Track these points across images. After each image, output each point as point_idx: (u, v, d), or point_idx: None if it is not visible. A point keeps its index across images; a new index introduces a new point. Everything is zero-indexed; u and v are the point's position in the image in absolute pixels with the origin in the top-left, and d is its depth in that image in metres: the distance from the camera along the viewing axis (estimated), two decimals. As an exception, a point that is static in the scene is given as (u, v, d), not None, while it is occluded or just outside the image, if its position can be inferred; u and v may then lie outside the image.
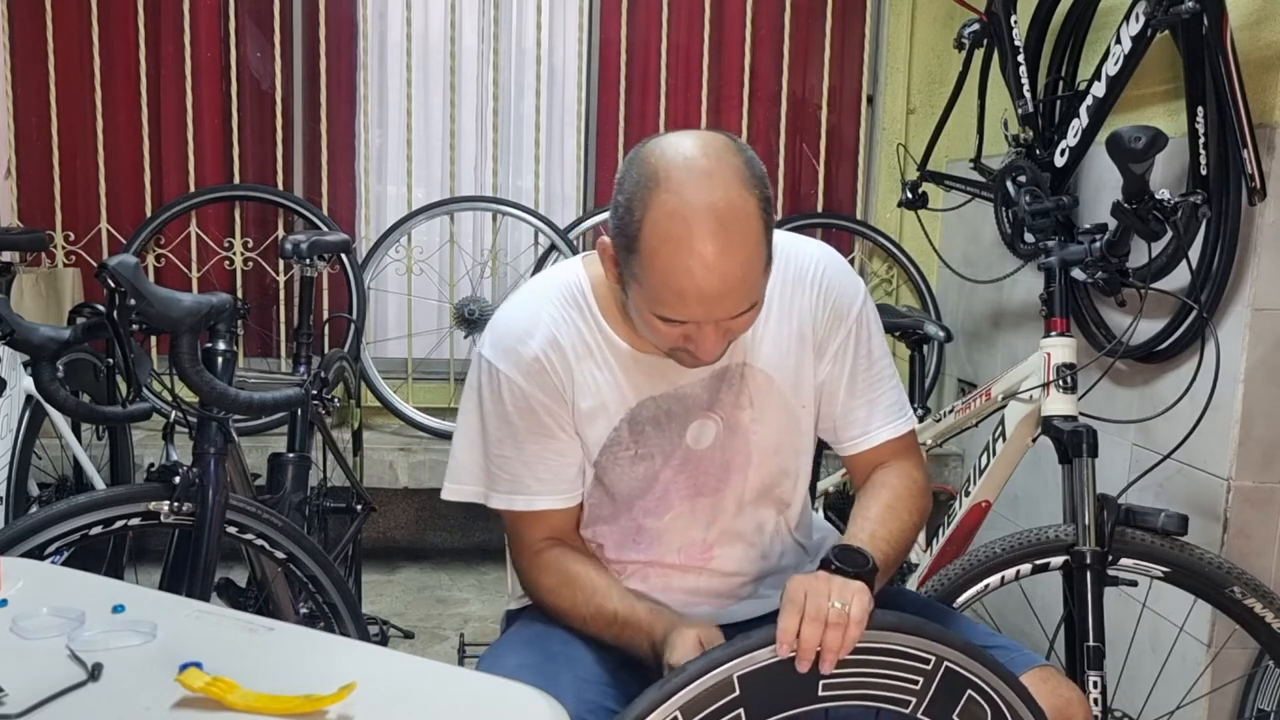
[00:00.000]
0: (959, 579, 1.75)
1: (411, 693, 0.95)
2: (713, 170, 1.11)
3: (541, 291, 1.33)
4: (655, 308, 1.15)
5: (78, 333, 1.61)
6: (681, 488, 1.34)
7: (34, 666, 0.93)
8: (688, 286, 1.11)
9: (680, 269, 1.10)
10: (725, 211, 1.10)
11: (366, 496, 2.69)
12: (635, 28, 3.58)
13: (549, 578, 1.33)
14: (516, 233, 3.63)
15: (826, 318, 1.34)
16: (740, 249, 1.11)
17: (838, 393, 1.36)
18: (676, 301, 1.13)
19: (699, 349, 1.18)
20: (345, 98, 3.55)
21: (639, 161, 1.15)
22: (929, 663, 1.09)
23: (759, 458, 1.35)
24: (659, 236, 1.10)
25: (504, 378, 1.29)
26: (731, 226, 1.10)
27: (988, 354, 3.15)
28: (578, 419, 1.31)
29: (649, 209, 1.11)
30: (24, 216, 3.39)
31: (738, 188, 1.11)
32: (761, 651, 1.06)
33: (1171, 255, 2.05)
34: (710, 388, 1.32)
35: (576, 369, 1.29)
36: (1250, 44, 1.97)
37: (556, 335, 1.29)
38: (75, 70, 3.36)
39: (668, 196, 1.10)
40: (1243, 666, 2.04)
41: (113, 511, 1.57)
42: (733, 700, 1.05)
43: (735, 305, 1.15)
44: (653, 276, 1.12)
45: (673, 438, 1.32)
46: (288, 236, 2.38)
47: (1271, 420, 2.00)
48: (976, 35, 2.67)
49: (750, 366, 1.33)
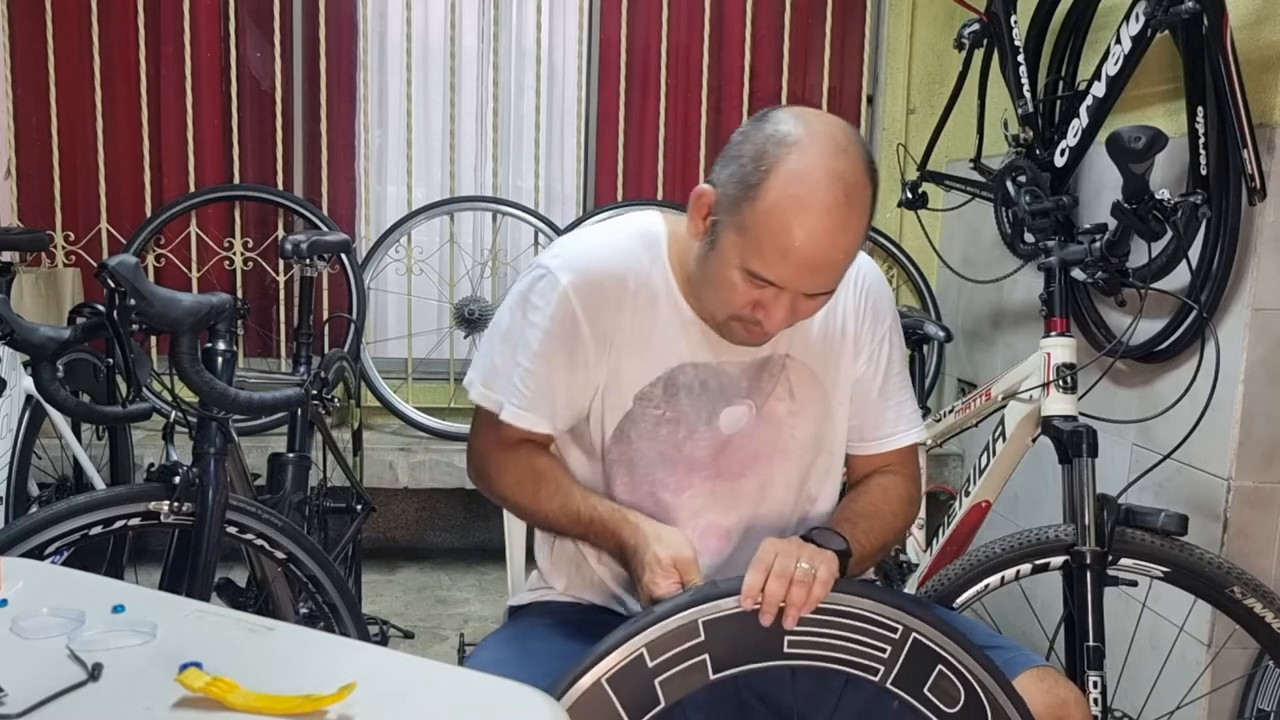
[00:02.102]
0: (959, 579, 1.75)
1: (411, 693, 0.95)
2: (846, 147, 1.15)
3: (621, 228, 1.35)
4: (751, 260, 1.16)
5: (78, 333, 1.61)
6: (703, 468, 1.34)
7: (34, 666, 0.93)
8: (798, 245, 1.13)
9: (796, 226, 1.13)
10: (851, 187, 1.14)
11: (366, 496, 2.69)
12: (635, 28, 3.58)
13: (513, 472, 1.33)
14: (516, 233, 3.63)
15: (867, 318, 1.37)
16: (853, 228, 1.15)
17: (870, 392, 1.38)
18: (778, 259, 1.14)
19: (768, 317, 1.19)
20: (345, 98, 3.55)
21: (772, 120, 1.17)
22: (896, 631, 1.11)
23: (796, 451, 1.36)
24: (783, 190, 1.13)
25: (563, 297, 1.28)
26: (852, 203, 1.14)
27: (988, 354, 3.15)
28: (616, 362, 1.30)
29: (779, 163, 1.13)
30: (24, 216, 3.39)
31: (862, 172, 1.16)
32: (727, 600, 1.10)
33: (1171, 255, 2.05)
34: (750, 375, 1.33)
35: (635, 316, 1.29)
36: (1250, 44, 1.97)
37: (628, 278, 1.29)
38: (75, 70, 3.36)
39: (800, 156, 1.13)
40: (1243, 666, 2.04)
41: (113, 511, 1.57)
42: (698, 644, 1.09)
43: (825, 281, 1.18)
44: (764, 228, 1.14)
45: (704, 413, 1.32)
46: (288, 236, 2.38)
47: (1271, 420, 2.00)
48: (976, 35, 2.67)
49: (793, 359, 1.34)
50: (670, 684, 1.09)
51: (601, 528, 1.27)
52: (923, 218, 3.08)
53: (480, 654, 1.32)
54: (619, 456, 1.34)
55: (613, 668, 1.07)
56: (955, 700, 1.12)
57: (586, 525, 1.28)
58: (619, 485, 1.35)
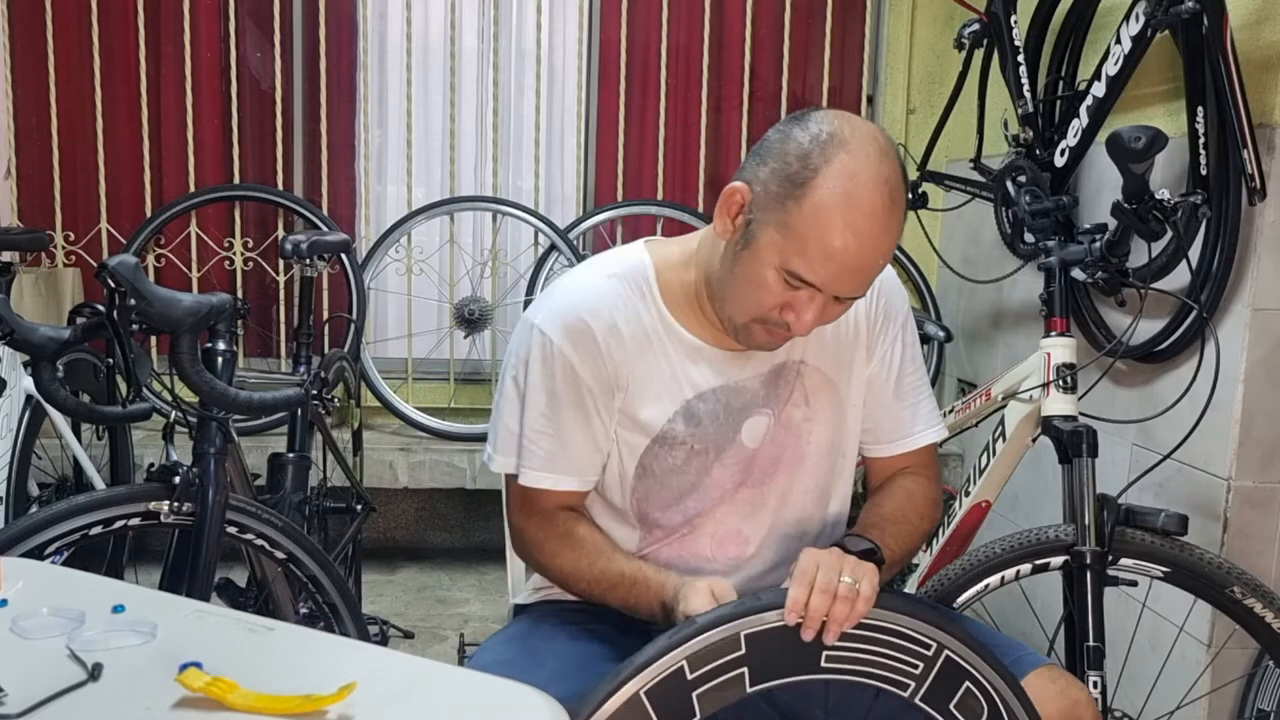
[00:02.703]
0: (959, 579, 1.75)
1: (411, 693, 0.95)
2: (888, 151, 1.17)
3: (604, 271, 1.33)
4: (792, 260, 1.15)
5: (78, 333, 1.61)
6: (729, 481, 1.34)
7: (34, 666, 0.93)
8: (844, 246, 1.13)
9: (845, 227, 1.13)
10: (895, 192, 1.15)
11: (366, 496, 2.69)
12: (635, 28, 3.58)
13: (554, 542, 1.31)
14: (516, 233, 3.63)
15: (879, 318, 1.36)
16: (894, 232, 1.17)
17: (883, 392, 1.38)
18: (822, 259, 1.14)
19: (798, 320, 1.19)
20: (345, 98, 3.55)
21: (815, 121, 1.17)
22: (930, 648, 1.11)
23: (813, 457, 1.36)
24: (833, 189, 1.13)
25: (556, 351, 1.28)
26: (894, 207, 1.15)
27: (988, 354, 3.15)
28: (630, 407, 1.30)
29: (828, 162, 1.13)
30: (24, 216, 3.39)
31: (900, 173, 1.17)
32: (770, 614, 1.09)
33: (1171, 255, 2.05)
34: (767, 383, 1.32)
35: (634, 357, 1.29)
36: (1250, 44, 1.97)
37: (616, 320, 1.28)
38: (75, 70, 3.36)
39: (850, 157, 1.13)
40: (1243, 666, 2.04)
41: (113, 511, 1.57)
42: (738, 658, 1.08)
43: (861, 285, 1.19)
44: (811, 227, 1.13)
45: (728, 433, 1.32)
46: (288, 236, 2.38)
47: (1271, 420, 2.00)
48: (976, 35, 2.67)
49: (807, 364, 1.33)
50: (707, 697, 1.08)
51: (645, 587, 1.24)
52: (923, 218, 3.07)
53: (483, 654, 1.32)
54: (646, 493, 1.34)
55: (652, 680, 1.05)
56: (979, 716, 1.12)
57: (630, 586, 1.25)
58: (652, 509, 1.35)
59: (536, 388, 1.30)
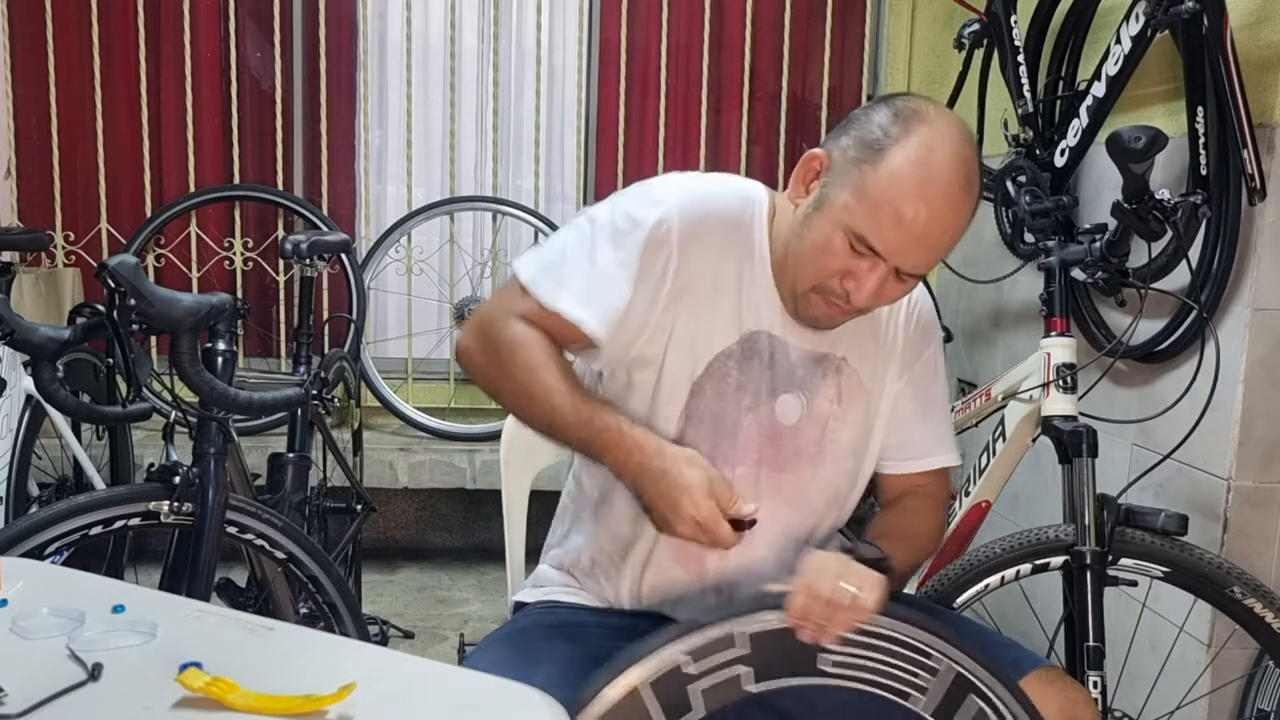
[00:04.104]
0: (959, 579, 1.75)
1: (411, 693, 0.95)
2: (969, 139, 1.19)
3: (730, 181, 1.33)
4: (862, 223, 1.16)
5: (78, 333, 1.61)
6: (753, 450, 1.31)
7: (34, 666, 0.93)
8: (915, 216, 1.14)
9: (918, 195, 1.14)
10: (972, 175, 1.18)
11: (366, 496, 2.69)
12: (635, 28, 3.58)
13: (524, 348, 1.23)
14: (516, 233, 3.63)
15: (915, 337, 1.38)
16: (965, 214, 1.18)
17: (907, 411, 1.39)
18: (891, 225, 1.15)
19: (857, 289, 1.19)
20: (345, 98, 3.55)
21: (904, 99, 1.21)
22: (941, 663, 1.11)
23: (835, 455, 1.35)
24: (912, 156, 1.14)
25: (663, 216, 1.24)
26: (970, 190, 1.17)
27: (988, 354, 3.15)
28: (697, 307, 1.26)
29: (910, 134, 1.15)
30: (24, 216, 3.39)
31: (977, 163, 1.20)
32: (773, 614, 1.10)
33: (1171, 255, 2.05)
34: (807, 366, 1.31)
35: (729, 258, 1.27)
36: (1250, 44, 1.97)
37: (731, 222, 1.27)
38: (75, 70, 3.36)
39: (932, 131, 1.16)
40: (1243, 666, 2.04)
41: (113, 511, 1.57)
42: (740, 656, 1.09)
43: (925, 261, 1.19)
44: (885, 191, 1.15)
45: (765, 388, 1.30)
46: (288, 236, 2.38)
47: (1271, 420, 2.00)
48: (976, 35, 2.67)
49: (848, 363, 1.33)
50: (709, 693, 1.08)
51: (616, 438, 1.18)
52: (923, 218, 3.07)
53: (479, 654, 1.31)
54: (693, 412, 1.29)
55: (654, 672, 1.06)
56: None
57: (597, 431, 1.19)
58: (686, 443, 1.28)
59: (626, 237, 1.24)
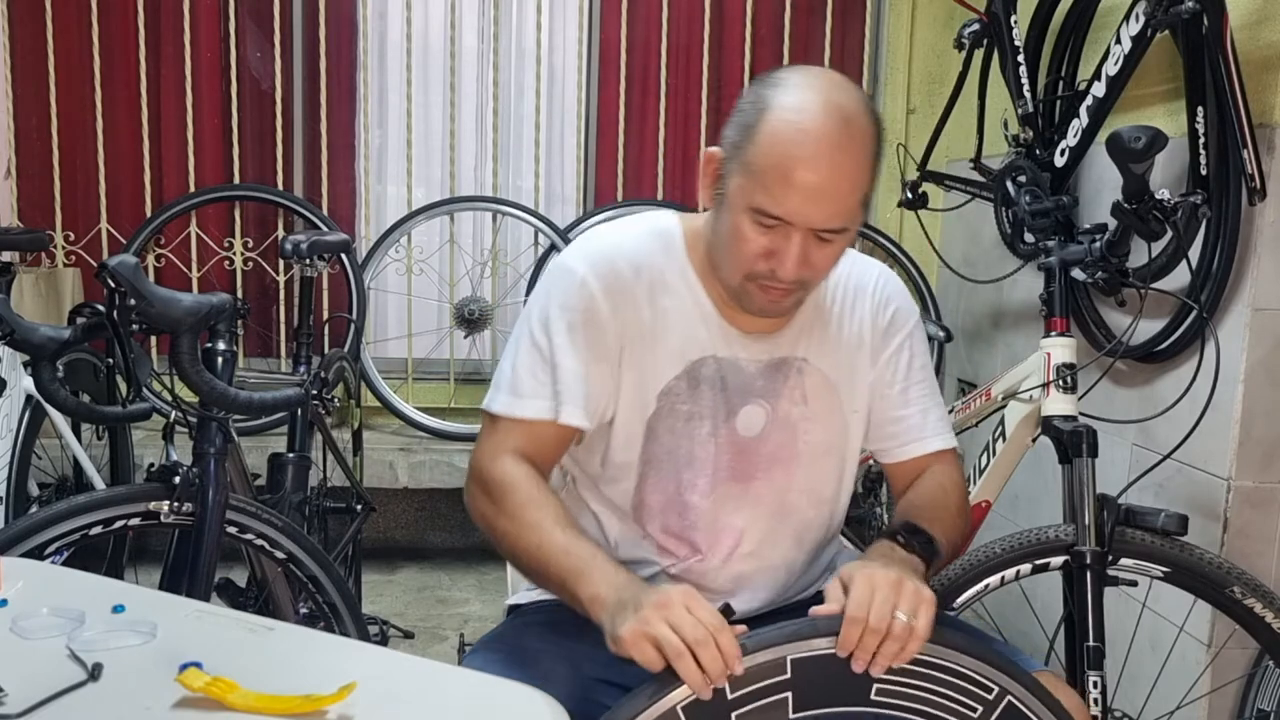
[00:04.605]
0: (959, 579, 1.75)
1: (411, 693, 0.95)
2: (842, 85, 1.18)
3: (635, 225, 1.35)
4: (757, 197, 1.15)
5: (78, 333, 1.61)
6: (723, 469, 1.33)
7: (34, 666, 0.93)
8: (799, 171, 1.13)
9: (795, 149, 1.13)
10: (850, 115, 1.15)
11: (366, 496, 2.69)
12: (635, 28, 3.58)
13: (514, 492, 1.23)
14: (516, 233, 3.63)
15: (885, 324, 1.37)
16: (854, 153, 1.15)
17: (890, 397, 1.38)
18: (781, 187, 1.14)
19: (781, 264, 1.18)
20: (345, 98, 3.55)
21: (768, 74, 1.21)
22: (992, 692, 1.08)
23: (809, 456, 1.35)
24: (780, 118, 1.14)
25: (579, 281, 1.27)
26: (852, 128, 1.15)
27: (988, 354, 3.15)
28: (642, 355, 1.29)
29: (775, 98, 1.15)
30: (24, 216, 3.39)
31: (860, 106, 1.17)
32: (820, 641, 1.06)
33: (1171, 255, 2.05)
34: (766, 375, 1.32)
35: (651, 304, 1.29)
36: (1250, 44, 1.97)
37: (641, 266, 1.29)
38: (75, 70, 3.36)
39: (795, 90, 1.16)
40: (1243, 666, 2.04)
41: (113, 511, 1.57)
42: (782, 682, 1.05)
43: (831, 213, 1.16)
44: (766, 158, 1.14)
45: (722, 410, 1.31)
46: (288, 236, 2.38)
47: (1271, 420, 2.00)
48: (976, 35, 2.67)
49: (809, 363, 1.33)
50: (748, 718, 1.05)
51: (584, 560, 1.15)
52: (923, 218, 3.07)
53: (477, 654, 1.31)
54: (651, 456, 1.32)
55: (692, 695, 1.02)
56: None
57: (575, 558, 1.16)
58: (650, 485, 1.33)
59: (557, 320, 1.27)
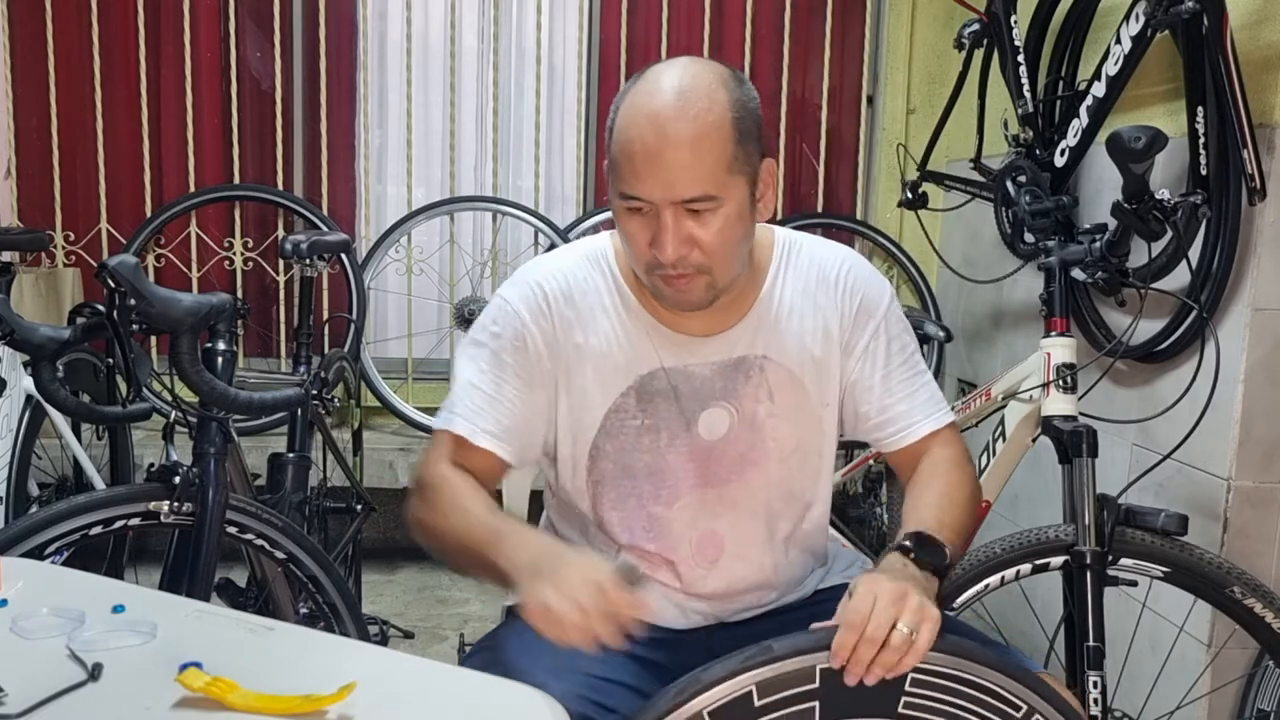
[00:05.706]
0: (959, 579, 1.75)
1: (411, 693, 0.95)
2: (688, 65, 1.21)
3: (567, 252, 1.38)
4: (619, 186, 1.19)
5: (78, 333, 1.61)
6: (690, 477, 1.32)
7: (34, 666, 0.93)
8: (637, 147, 1.16)
9: (634, 131, 1.17)
10: (688, 89, 1.17)
11: (366, 496, 2.69)
12: (635, 28, 3.58)
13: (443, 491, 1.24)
14: (516, 233, 3.63)
15: (853, 315, 1.35)
16: (694, 119, 1.15)
17: (873, 388, 1.36)
18: (629, 169, 1.17)
19: (659, 242, 1.18)
20: (345, 98, 3.55)
21: None
22: (1020, 710, 1.08)
23: (779, 453, 1.34)
24: (627, 109, 1.19)
25: (510, 311, 1.31)
26: (690, 100, 1.16)
27: (988, 354, 3.15)
28: (583, 381, 1.30)
29: (627, 94, 1.21)
30: (24, 216, 3.39)
31: (709, 79, 1.19)
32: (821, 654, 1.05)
33: (1171, 255, 2.05)
34: (725, 376, 1.32)
35: (586, 326, 1.30)
36: (1250, 44, 1.97)
37: (572, 289, 1.31)
38: (75, 70, 3.36)
39: (643, 82, 1.20)
40: (1243, 666, 2.04)
41: (113, 511, 1.57)
42: (810, 691, 1.05)
43: (685, 182, 1.16)
44: (617, 148, 1.19)
45: (681, 419, 1.31)
46: (288, 236, 2.38)
47: (1271, 420, 2.00)
48: (976, 35, 2.67)
49: (770, 360, 1.33)
50: None
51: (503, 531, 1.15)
52: (923, 218, 3.08)
53: (477, 654, 1.31)
54: (601, 475, 1.33)
55: (718, 700, 1.02)
56: None
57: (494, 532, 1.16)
58: (606, 504, 1.34)
59: (486, 348, 1.31)
